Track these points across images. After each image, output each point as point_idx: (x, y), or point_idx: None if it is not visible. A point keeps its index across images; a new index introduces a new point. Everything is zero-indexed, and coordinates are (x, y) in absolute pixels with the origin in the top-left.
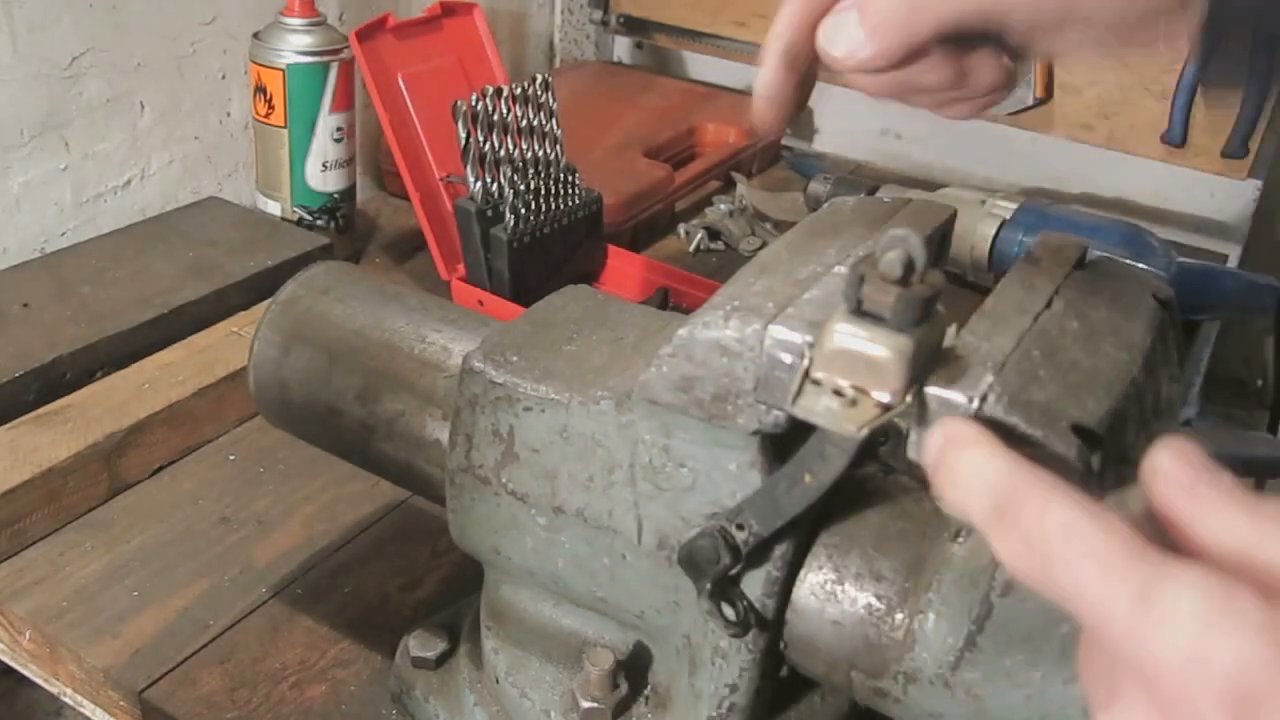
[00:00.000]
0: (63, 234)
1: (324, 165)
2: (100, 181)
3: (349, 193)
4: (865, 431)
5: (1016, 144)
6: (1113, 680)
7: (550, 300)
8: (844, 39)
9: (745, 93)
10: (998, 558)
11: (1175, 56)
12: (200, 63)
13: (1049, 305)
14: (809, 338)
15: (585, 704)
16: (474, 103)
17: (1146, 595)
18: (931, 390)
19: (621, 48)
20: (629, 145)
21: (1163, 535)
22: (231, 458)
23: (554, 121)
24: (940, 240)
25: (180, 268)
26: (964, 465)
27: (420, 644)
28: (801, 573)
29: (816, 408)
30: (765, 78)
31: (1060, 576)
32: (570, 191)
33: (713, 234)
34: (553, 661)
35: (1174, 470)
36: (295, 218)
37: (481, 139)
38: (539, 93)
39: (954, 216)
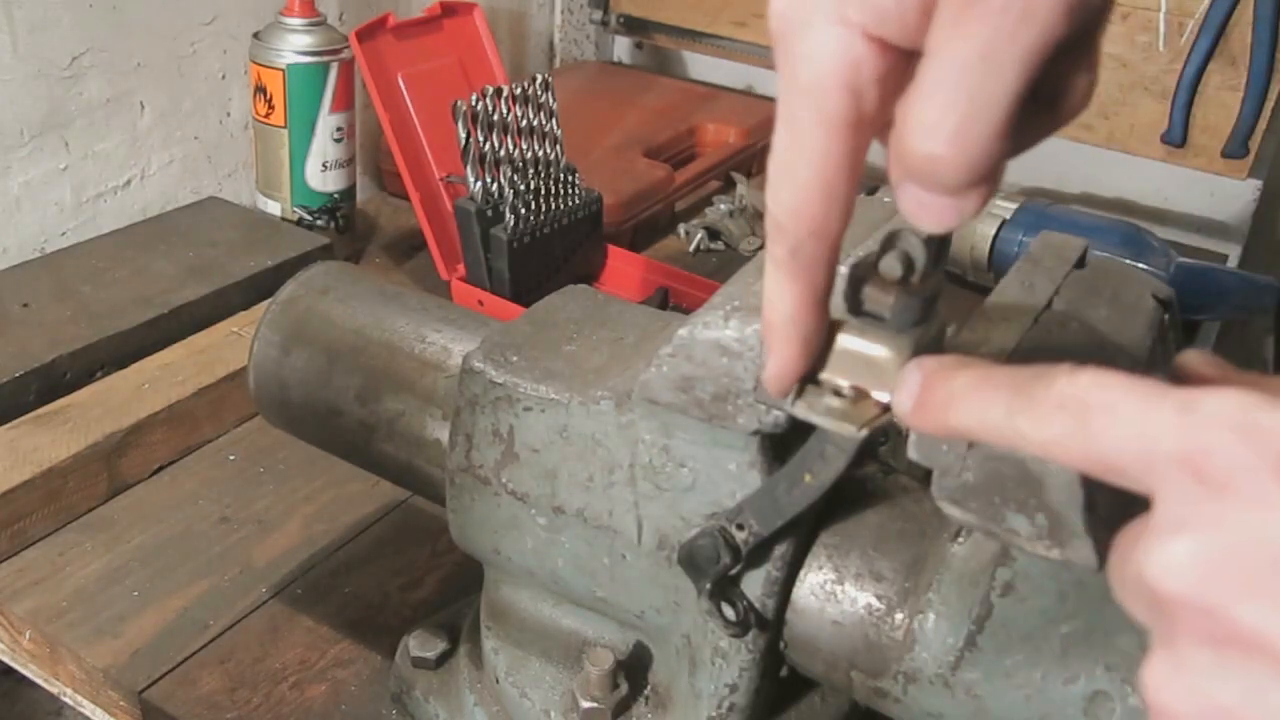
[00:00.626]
0: (63, 234)
1: (324, 165)
2: (100, 181)
3: (349, 193)
4: (865, 431)
5: None
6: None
7: (550, 300)
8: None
9: (745, 93)
10: (1028, 443)
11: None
12: (200, 63)
13: (1049, 305)
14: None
15: (585, 704)
16: (474, 103)
17: (1189, 405)
18: None
19: (621, 48)
20: (629, 145)
21: None
22: (231, 458)
23: (554, 121)
24: (940, 240)
25: (180, 268)
26: (964, 382)
27: (420, 644)
28: (801, 573)
29: (816, 408)
30: (782, 366)
31: (1099, 425)
32: (570, 191)
33: (713, 234)
34: (553, 661)
35: (1203, 360)
36: (295, 218)
37: (481, 139)
38: (539, 93)
39: None
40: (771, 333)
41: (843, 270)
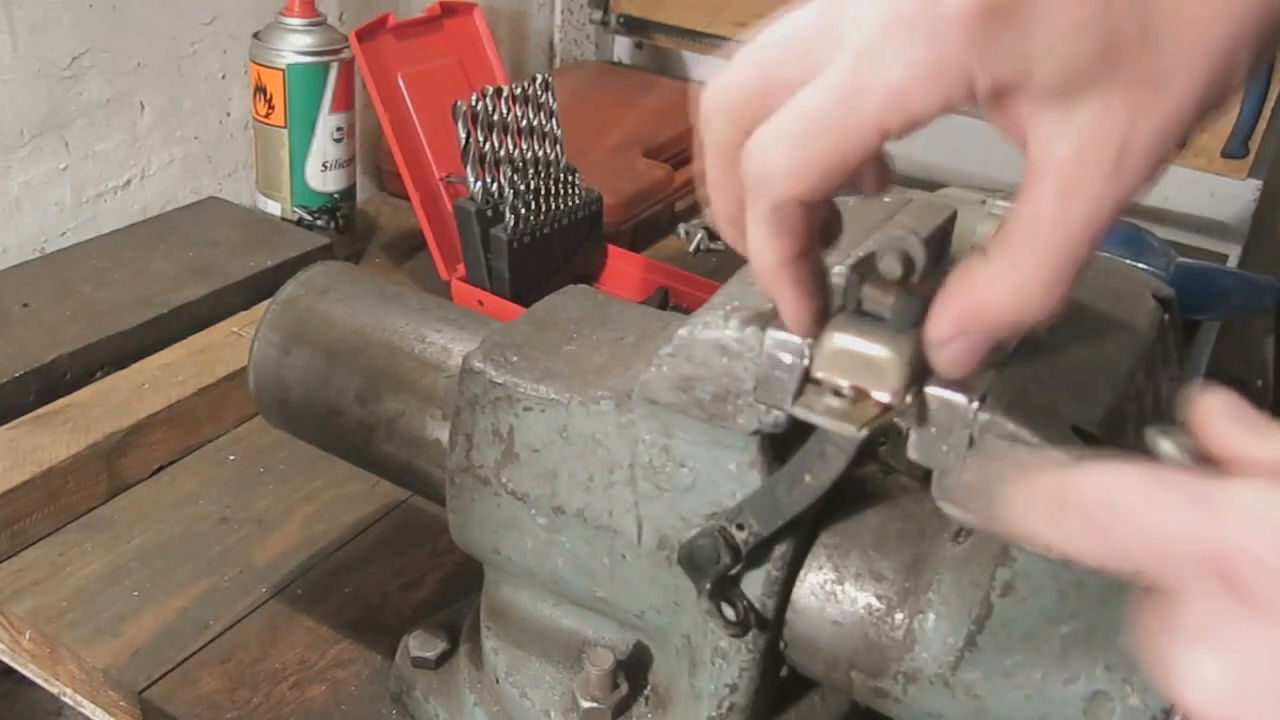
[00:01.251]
0: (63, 234)
1: (324, 165)
2: (100, 181)
3: (349, 193)
4: (865, 431)
5: None
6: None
7: (550, 300)
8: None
9: None
10: (1043, 544)
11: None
12: (200, 63)
13: None
14: (809, 338)
15: (585, 704)
16: (474, 103)
17: (1211, 502)
18: (932, 390)
19: (621, 48)
20: (629, 145)
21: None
22: (231, 458)
23: (554, 121)
24: (940, 240)
25: (180, 268)
26: (1014, 494)
27: (420, 644)
28: (801, 573)
29: (816, 408)
30: (791, 309)
31: (1118, 531)
32: (570, 191)
33: (713, 234)
34: (553, 661)
35: (1224, 406)
36: (295, 218)
37: (481, 139)
38: (539, 93)
39: (954, 216)
40: (766, 281)
41: (843, 270)
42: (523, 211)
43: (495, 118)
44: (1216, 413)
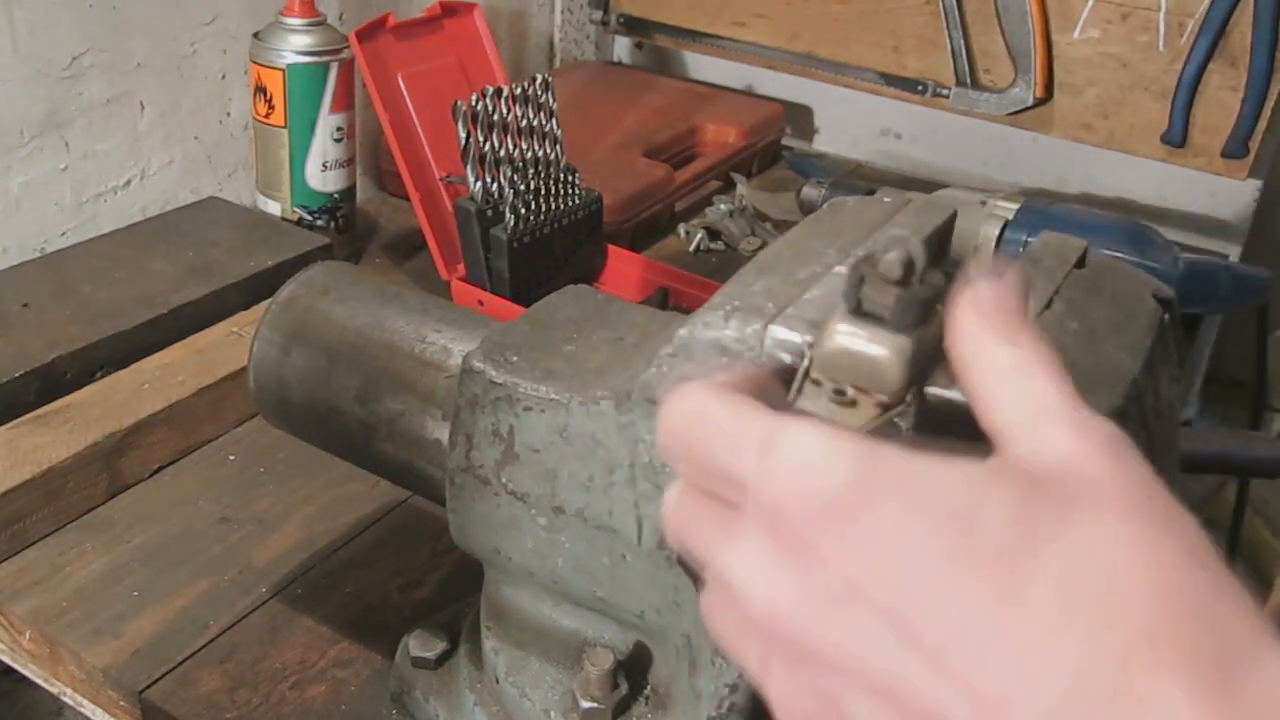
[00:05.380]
0: (63, 234)
1: (324, 165)
2: (100, 181)
3: (349, 193)
4: (865, 432)
5: (1016, 144)
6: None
7: (550, 300)
8: None
9: (745, 93)
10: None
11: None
12: (200, 63)
13: (1049, 305)
14: (809, 338)
15: (585, 704)
16: (474, 103)
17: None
18: (932, 390)
19: (621, 48)
20: (629, 145)
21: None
22: (231, 458)
23: (554, 121)
24: (940, 240)
25: (180, 268)
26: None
27: (420, 644)
28: None
29: (816, 408)
30: None
31: (702, 450)
32: (570, 191)
33: (713, 234)
34: (553, 661)
35: (988, 297)
36: (295, 218)
37: (481, 139)
38: (539, 93)
39: (954, 216)
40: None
41: (843, 270)
42: (523, 211)
43: (495, 118)
44: (972, 305)
